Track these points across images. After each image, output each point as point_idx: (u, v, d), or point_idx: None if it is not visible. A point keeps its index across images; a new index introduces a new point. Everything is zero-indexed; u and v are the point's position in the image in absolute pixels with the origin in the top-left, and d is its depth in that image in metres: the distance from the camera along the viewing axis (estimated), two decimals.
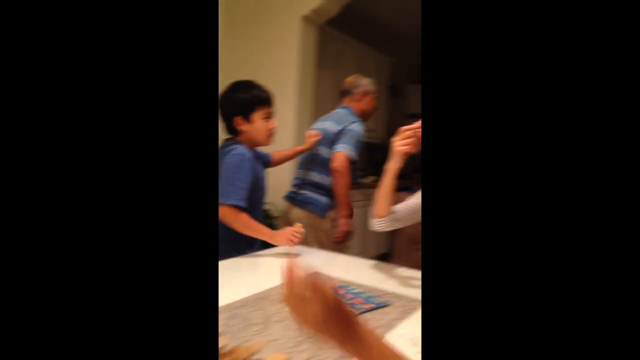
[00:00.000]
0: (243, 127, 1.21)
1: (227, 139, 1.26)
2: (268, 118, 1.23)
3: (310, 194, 1.73)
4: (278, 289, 0.87)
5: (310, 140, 1.70)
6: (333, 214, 1.74)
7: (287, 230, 1.14)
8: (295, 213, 1.73)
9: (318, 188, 1.73)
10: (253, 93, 1.21)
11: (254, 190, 1.20)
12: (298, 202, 1.75)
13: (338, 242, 1.72)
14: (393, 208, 1.09)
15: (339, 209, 1.69)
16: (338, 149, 1.66)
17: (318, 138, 1.68)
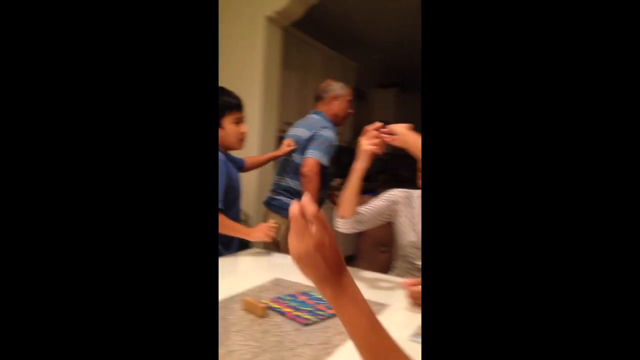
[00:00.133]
0: (219, 133, 1.25)
1: None
2: (238, 123, 1.28)
3: (285, 199, 1.76)
4: (237, 298, 0.83)
5: (284, 148, 1.76)
6: None
7: (262, 226, 1.20)
8: (271, 218, 1.77)
9: (291, 193, 1.77)
10: (223, 99, 1.25)
11: (229, 192, 1.24)
12: (273, 207, 1.79)
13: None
14: (358, 209, 1.08)
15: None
16: (307, 155, 1.69)
17: (292, 147, 1.74)
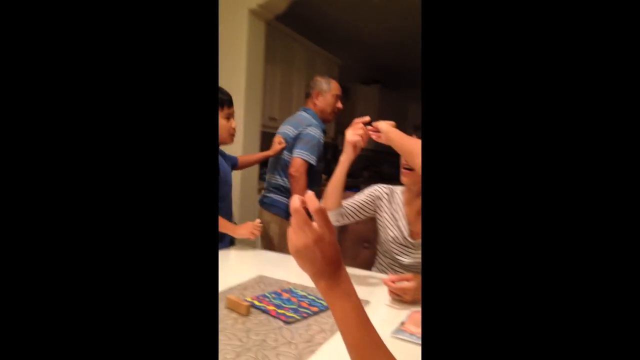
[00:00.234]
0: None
1: None
2: (229, 118, 1.33)
3: (275, 197, 1.80)
4: (221, 296, 0.82)
5: (276, 147, 1.79)
6: None
7: (248, 224, 1.23)
8: (264, 216, 1.79)
9: (281, 191, 1.79)
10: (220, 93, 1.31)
11: (219, 186, 1.28)
12: (265, 204, 1.82)
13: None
14: (342, 203, 1.09)
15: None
16: (295, 154, 1.71)
17: (283, 145, 1.77)
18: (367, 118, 1.03)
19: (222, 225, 1.24)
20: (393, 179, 1.27)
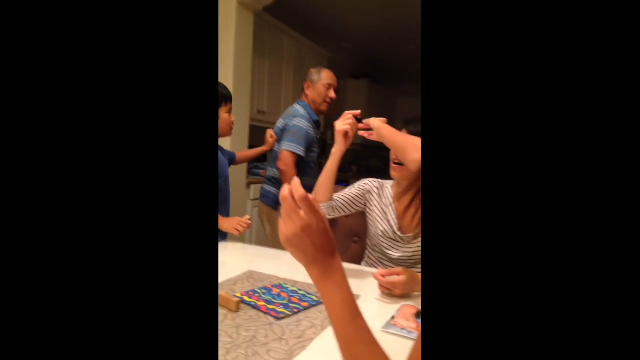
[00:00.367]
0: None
1: None
2: (229, 112, 1.40)
3: (267, 188, 1.86)
4: None
5: (269, 141, 1.84)
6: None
7: (234, 219, 1.23)
8: (261, 207, 1.88)
9: (272, 182, 1.84)
10: (219, 91, 1.36)
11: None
12: (261, 196, 1.91)
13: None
14: (333, 196, 1.09)
15: None
16: (282, 147, 1.73)
17: (275, 139, 1.82)
18: (357, 112, 1.03)
19: None
20: (382, 174, 1.27)
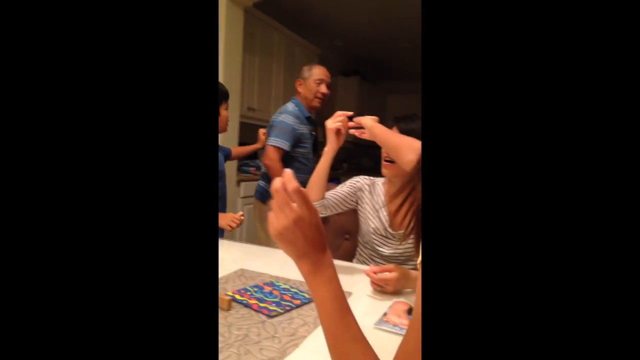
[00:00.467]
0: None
1: None
2: (226, 109, 1.48)
3: (260, 183, 1.94)
4: None
5: (261, 138, 1.92)
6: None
7: (228, 215, 1.27)
8: (254, 202, 1.96)
9: (263, 178, 1.92)
10: (219, 88, 1.44)
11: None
12: (255, 192, 1.98)
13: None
14: (325, 194, 1.08)
15: None
16: (267, 143, 1.79)
17: (266, 136, 1.91)
18: (350, 113, 1.03)
19: None
20: (372, 171, 1.27)
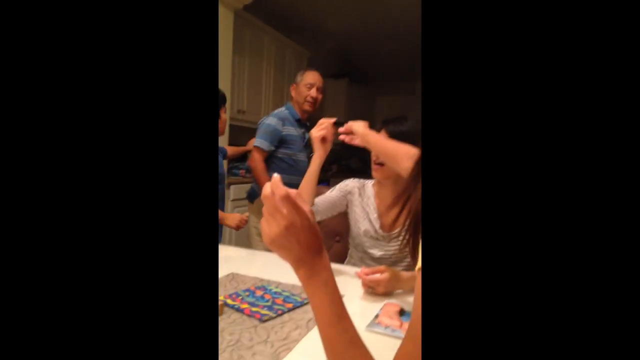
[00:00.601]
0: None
1: None
2: (225, 113, 1.55)
3: (253, 185, 2.03)
4: None
5: (251, 142, 2.01)
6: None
7: (236, 216, 1.36)
8: (247, 203, 2.06)
9: (254, 179, 1.99)
10: (220, 93, 1.50)
11: None
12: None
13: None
14: (314, 200, 1.09)
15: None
16: (253, 145, 1.90)
17: (253, 139, 1.99)
18: (332, 119, 1.04)
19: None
20: (362, 173, 1.28)
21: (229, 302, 0.78)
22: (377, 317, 0.75)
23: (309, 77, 1.94)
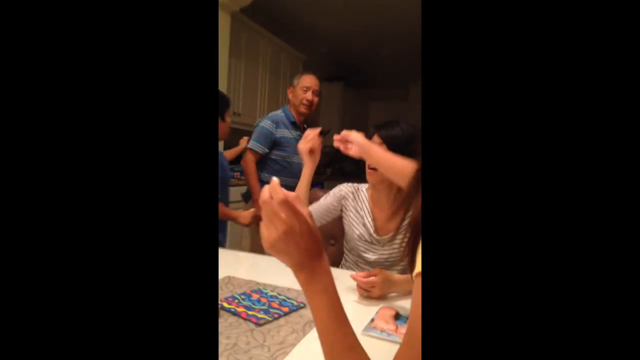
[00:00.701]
0: (220, 126, 1.51)
1: None
2: (229, 117, 1.59)
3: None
4: None
5: (242, 144, 2.14)
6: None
7: (248, 213, 1.49)
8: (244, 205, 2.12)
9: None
10: (223, 96, 1.55)
11: (221, 181, 1.56)
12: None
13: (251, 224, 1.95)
14: (308, 208, 1.10)
15: (253, 197, 2.01)
16: (247, 146, 1.94)
17: (245, 141, 2.07)
18: (317, 130, 1.04)
19: (229, 215, 1.51)
20: (355, 176, 1.29)
21: (225, 305, 0.78)
22: (372, 321, 0.75)
23: (306, 80, 1.96)
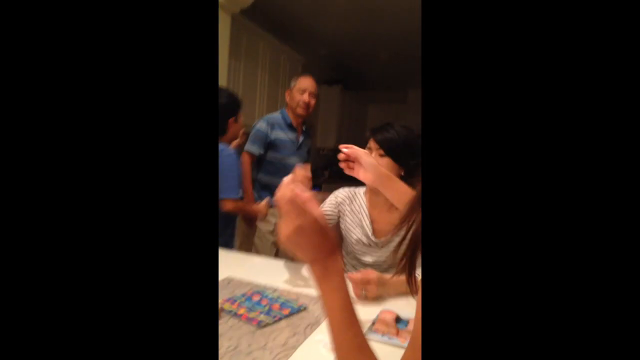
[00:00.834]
0: (233, 127, 1.49)
1: None
2: (241, 118, 1.58)
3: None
4: None
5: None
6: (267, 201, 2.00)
7: (261, 205, 1.61)
8: None
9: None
10: (236, 97, 1.53)
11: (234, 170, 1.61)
12: None
13: (246, 224, 1.97)
14: None
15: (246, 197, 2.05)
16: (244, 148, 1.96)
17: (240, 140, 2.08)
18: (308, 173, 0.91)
19: (251, 211, 1.63)
20: (353, 179, 1.30)
21: (227, 307, 0.78)
22: (373, 324, 0.76)
23: (303, 82, 1.97)
